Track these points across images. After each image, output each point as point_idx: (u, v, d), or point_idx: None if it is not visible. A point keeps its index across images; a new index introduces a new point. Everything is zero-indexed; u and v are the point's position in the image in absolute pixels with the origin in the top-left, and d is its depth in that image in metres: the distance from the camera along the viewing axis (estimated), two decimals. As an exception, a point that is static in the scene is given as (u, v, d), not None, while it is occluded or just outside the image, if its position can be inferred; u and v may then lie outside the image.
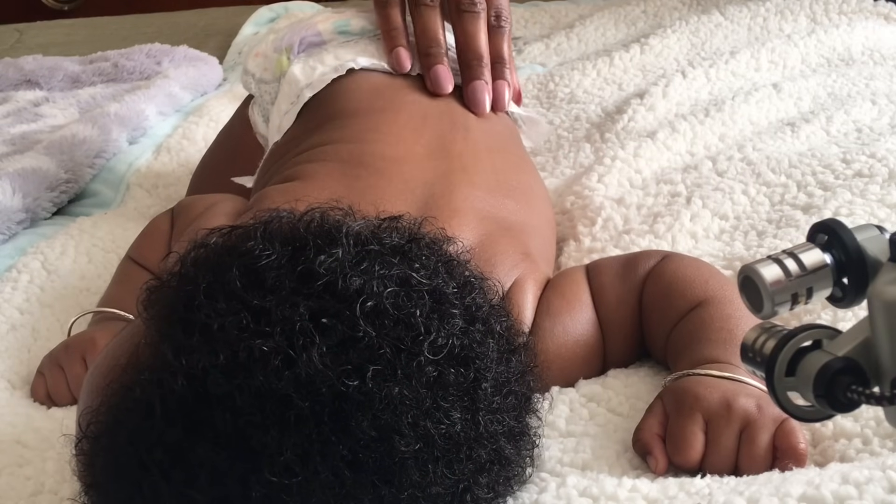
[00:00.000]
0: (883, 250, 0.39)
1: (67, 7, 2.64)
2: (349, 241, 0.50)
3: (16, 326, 0.84)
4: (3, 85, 1.60)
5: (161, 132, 1.35)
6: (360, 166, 0.75)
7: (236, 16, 1.97)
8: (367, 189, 0.72)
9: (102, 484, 0.49)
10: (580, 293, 0.69)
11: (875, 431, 0.57)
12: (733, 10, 1.48)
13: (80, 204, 1.16)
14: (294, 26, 0.96)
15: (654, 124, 1.08)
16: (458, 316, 0.50)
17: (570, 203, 0.91)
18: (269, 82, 0.94)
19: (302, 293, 0.48)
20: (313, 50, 0.90)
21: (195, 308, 0.48)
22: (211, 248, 0.52)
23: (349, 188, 0.72)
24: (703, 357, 0.61)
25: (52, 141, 1.21)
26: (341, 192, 0.66)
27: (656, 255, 0.71)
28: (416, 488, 0.47)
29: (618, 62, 1.35)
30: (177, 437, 0.46)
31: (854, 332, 0.38)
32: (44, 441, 0.66)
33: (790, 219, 0.83)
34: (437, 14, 0.84)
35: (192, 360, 0.46)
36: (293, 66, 0.90)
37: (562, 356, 0.66)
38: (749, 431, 0.55)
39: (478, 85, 0.82)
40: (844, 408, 0.37)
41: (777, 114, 1.08)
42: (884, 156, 0.89)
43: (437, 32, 0.84)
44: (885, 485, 0.48)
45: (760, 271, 0.39)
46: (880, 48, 1.28)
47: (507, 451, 0.51)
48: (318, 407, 0.45)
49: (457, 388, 0.48)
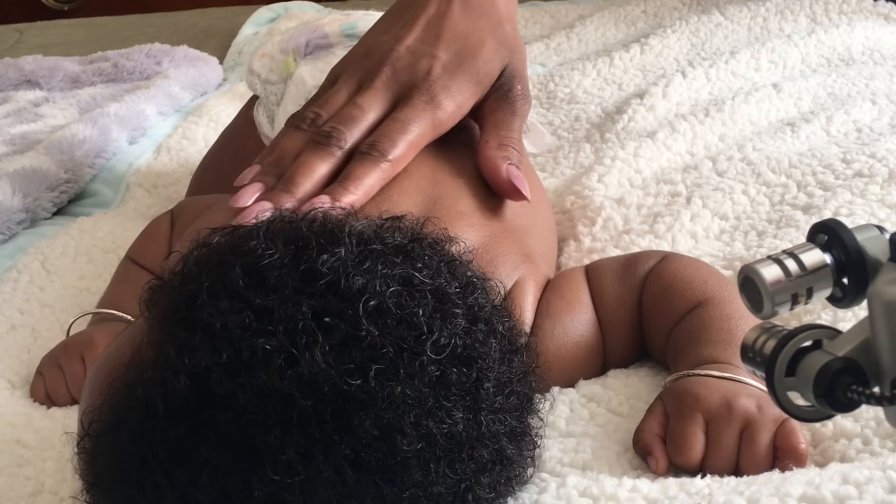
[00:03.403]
0: (883, 250, 0.39)
1: (67, 7, 2.64)
2: (352, 241, 0.50)
3: (16, 326, 0.84)
4: (3, 85, 1.60)
5: (161, 132, 1.35)
6: None
7: (236, 16, 1.97)
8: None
9: (104, 482, 0.49)
10: (580, 294, 0.69)
11: (875, 431, 0.57)
12: (733, 10, 1.48)
13: (80, 204, 1.16)
14: (300, 28, 0.96)
15: (654, 124, 1.08)
16: (460, 316, 0.50)
17: (570, 203, 0.92)
18: (274, 83, 0.94)
19: (305, 292, 0.48)
20: (320, 52, 0.91)
21: (198, 307, 0.48)
22: (213, 247, 0.52)
23: None
24: (703, 357, 0.61)
25: (52, 141, 1.21)
26: None
27: (656, 256, 0.71)
28: (418, 488, 0.47)
29: (618, 62, 1.35)
30: (179, 436, 0.46)
31: (854, 332, 0.38)
32: (44, 441, 0.66)
33: (790, 219, 0.83)
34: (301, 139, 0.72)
35: (194, 358, 0.46)
36: (300, 67, 0.90)
37: (562, 357, 0.66)
38: (749, 432, 0.55)
39: (259, 204, 0.67)
40: (844, 408, 0.38)
41: (777, 114, 1.08)
42: (884, 156, 0.89)
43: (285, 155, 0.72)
44: (885, 485, 0.48)
45: (760, 271, 0.39)
46: (880, 48, 1.28)
47: (509, 451, 0.51)
48: (320, 406, 0.45)
49: (459, 388, 0.49)
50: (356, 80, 0.75)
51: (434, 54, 0.75)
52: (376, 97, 0.73)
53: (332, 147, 0.70)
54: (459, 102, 0.75)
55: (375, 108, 0.73)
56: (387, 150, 0.70)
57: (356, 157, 0.70)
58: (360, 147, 0.71)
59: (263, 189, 0.69)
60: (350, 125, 0.72)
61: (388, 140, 0.71)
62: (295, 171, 0.69)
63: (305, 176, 0.69)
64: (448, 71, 0.75)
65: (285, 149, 0.72)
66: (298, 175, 0.69)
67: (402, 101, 0.73)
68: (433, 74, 0.74)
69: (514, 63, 0.78)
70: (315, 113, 0.73)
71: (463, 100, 0.75)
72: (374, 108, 0.73)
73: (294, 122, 0.74)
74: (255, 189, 0.69)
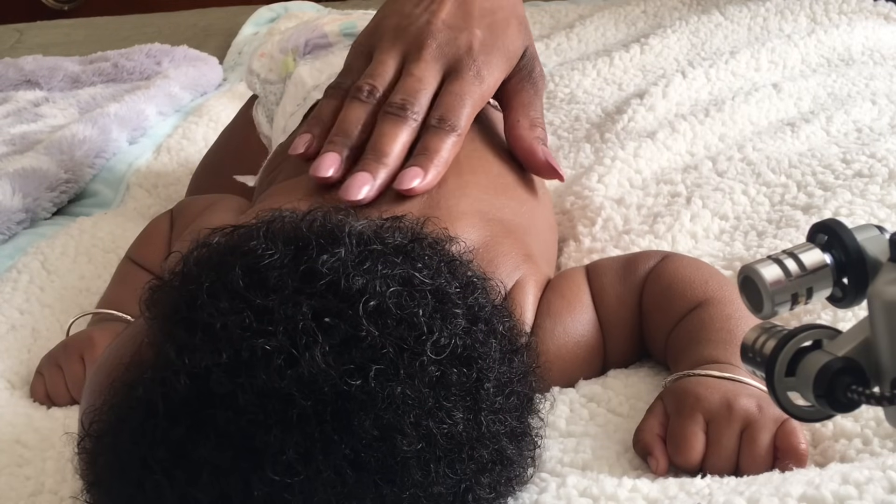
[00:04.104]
0: (883, 250, 0.39)
1: (67, 7, 2.64)
2: (352, 241, 0.50)
3: (16, 326, 0.84)
4: (3, 85, 1.60)
5: (161, 132, 1.35)
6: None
7: (236, 16, 1.97)
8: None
9: (104, 482, 0.49)
10: (580, 294, 0.69)
11: (875, 431, 0.57)
12: (733, 10, 1.48)
13: (80, 204, 1.16)
14: (300, 28, 0.96)
15: (654, 124, 1.08)
16: (460, 316, 0.50)
17: (570, 203, 0.91)
18: (274, 83, 0.94)
19: (304, 292, 0.48)
20: (319, 52, 0.91)
21: (198, 307, 0.48)
22: (213, 247, 0.52)
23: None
24: (703, 357, 0.61)
25: (52, 141, 1.21)
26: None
27: (656, 256, 0.71)
28: (418, 488, 0.47)
29: (618, 62, 1.35)
30: (179, 436, 0.46)
31: (854, 332, 0.38)
32: (44, 441, 0.66)
33: (790, 219, 0.83)
34: (365, 111, 0.74)
35: (194, 359, 0.46)
36: (300, 67, 0.90)
37: (562, 357, 0.66)
38: (750, 432, 0.55)
39: (358, 175, 0.69)
40: (844, 408, 0.38)
41: (777, 114, 1.08)
42: (884, 156, 0.89)
43: (352, 126, 0.73)
44: (885, 485, 0.48)
45: (760, 271, 0.39)
46: (880, 48, 1.28)
47: (509, 452, 0.51)
48: (320, 406, 0.45)
49: (459, 388, 0.49)
50: (398, 52, 0.76)
51: (471, 30, 0.76)
52: (429, 69, 0.75)
53: (409, 119, 0.72)
54: (496, 79, 0.77)
55: (431, 81, 0.75)
56: (456, 125, 0.72)
57: (429, 130, 0.72)
58: (429, 121, 0.73)
59: (340, 159, 0.70)
60: (418, 97, 0.73)
61: (454, 114, 0.73)
62: (380, 142, 0.71)
63: (393, 146, 0.70)
64: (485, 47, 0.76)
65: (350, 120, 0.73)
66: (385, 146, 0.70)
67: (452, 76, 0.75)
68: (475, 49, 0.76)
69: (532, 43, 0.79)
70: (371, 85, 0.74)
71: (497, 77, 0.77)
72: (430, 81, 0.75)
73: (351, 94, 0.75)
74: (333, 159, 0.70)
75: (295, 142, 0.75)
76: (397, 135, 0.71)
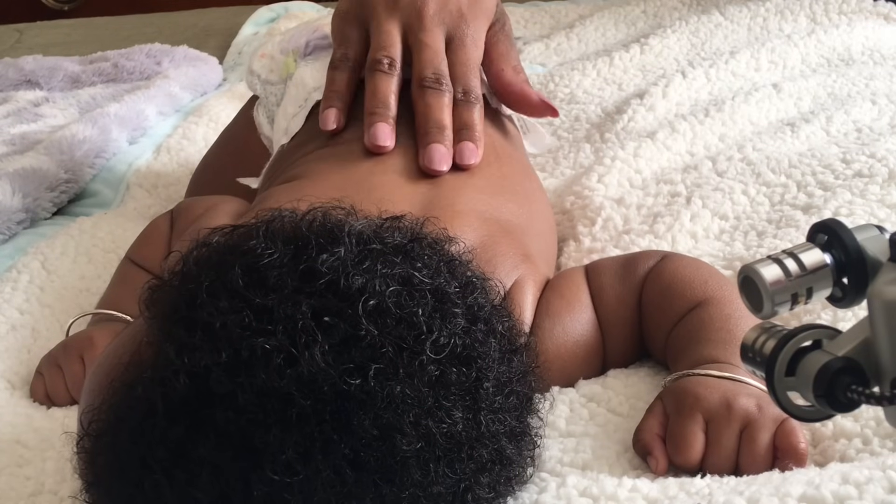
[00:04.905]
0: (883, 250, 0.39)
1: (67, 7, 2.63)
2: (351, 240, 0.50)
3: (16, 326, 0.84)
4: (3, 85, 1.60)
5: (161, 132, 1.35)
6: (365, 166, 0.76)
7: (236, 16, 1.97)
8: (372, 189, 0.72)
9: (104, 482, 0.49)
10: (580, 294, 0.69)
11: (875, 431, 0.57)
12: (733, 10, 1.48)
13: (80, 204, 1.16)
14: (300, 28, 0.96)
15: (654, 124, 1.08)
16: (460, 315, 0.50)
17: (570, 203, 0.91)
18: (274, 84, 0.94)
19: (304, 292, 0.48)
20: (320, 53, 0.90)
21: (197, 306, 0.48)
22: (213, 246, 0.52)
23: (355, 187, 0.72)
24: (702, 357, 0.61)
25: (52, 141, 1.21)
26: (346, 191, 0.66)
27: (655, 256, 0.71)
28: (417, 487, 0.47)
29: (618, 62, 1.35)
30: (178, 436, 0.46)
31: (854, 332, 0.38)
32: (43, 441, 0.66)
33: (790, 219, 0.83)
34: (392, 81, 0.78)
35: (194, 358, 0.46)
36: (300, 68, 0.90)
37: (561, 356, 0.66)
38: (749, 431, 0.55)
39: (435, 147, 0.74)
40: (844, 408, 0.38)
41: (777, 114, 1.08)
42: (884, 156, 0.89)
43: (388, 96, 0.77)
44: (885, 485, 0.48)
45: (760, 271, 0.39)
46: (880, 48, 1.28)
47: (509, 451, 0.51)
48: (319, 405, 0.45)
49: (459, 388, 0.49)
50: (398, 21, 0.80)
51: None
52: (436, 36, 0.79)
53: (445, 90, 0.77)
54: (484, 40, 0.81)
55: (441, 47, 0.79)
56: (477, 95, 0.78)
57: (458, 105, 0.77)
58: (454, 95, 0.77)
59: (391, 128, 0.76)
60: (441, 67, 0.78)
61: (471, 84, 0.78)
62: (436, 115, 0.76)
63: (447, 118, 0.76)
64: (472, 10, 0.80)
65: (384, 91, 0.77)
66: (442, 118, 0.76)
67: (453, 43, 0.79)
68: (465, 14, 0.80)
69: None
70: (389, 57, 0.79)
71: (483, 37, 0.81)
72: (441, 47, 0.79)
73: (372, 67, 0.79)
74: (386, 129, 0.76)
75: (322, 118, 0.79)
76: (443, 106, 0.76)
